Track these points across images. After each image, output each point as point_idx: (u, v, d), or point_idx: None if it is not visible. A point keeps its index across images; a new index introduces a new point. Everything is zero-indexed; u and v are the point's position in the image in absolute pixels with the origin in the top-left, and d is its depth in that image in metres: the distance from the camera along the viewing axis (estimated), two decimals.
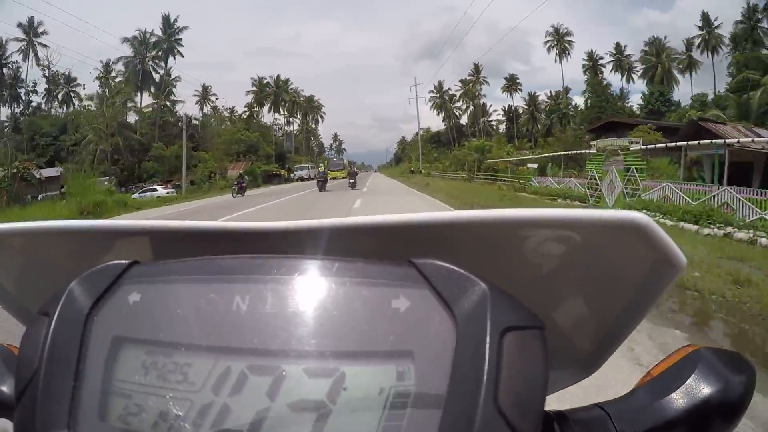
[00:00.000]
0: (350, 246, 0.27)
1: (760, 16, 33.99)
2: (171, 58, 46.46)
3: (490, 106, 63.99)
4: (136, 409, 0.22)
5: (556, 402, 0.26)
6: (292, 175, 41.44)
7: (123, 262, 0.26)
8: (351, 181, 20.58)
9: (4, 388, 0.30)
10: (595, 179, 10.64)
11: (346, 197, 15.29)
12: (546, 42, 54.31)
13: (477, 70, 62.49)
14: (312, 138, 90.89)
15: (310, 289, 0.23)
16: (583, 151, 15.37)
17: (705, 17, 41.83)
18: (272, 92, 65.42)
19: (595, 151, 10.89)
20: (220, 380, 0.21)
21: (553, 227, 0.24)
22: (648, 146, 11.88)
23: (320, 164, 23.41)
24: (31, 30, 43.46)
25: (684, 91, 52.30)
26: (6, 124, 40.38)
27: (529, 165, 20.11)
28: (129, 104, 37.61)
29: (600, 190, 10.42)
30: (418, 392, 0.20)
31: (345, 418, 0.20)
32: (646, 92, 40.41)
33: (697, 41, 42.96)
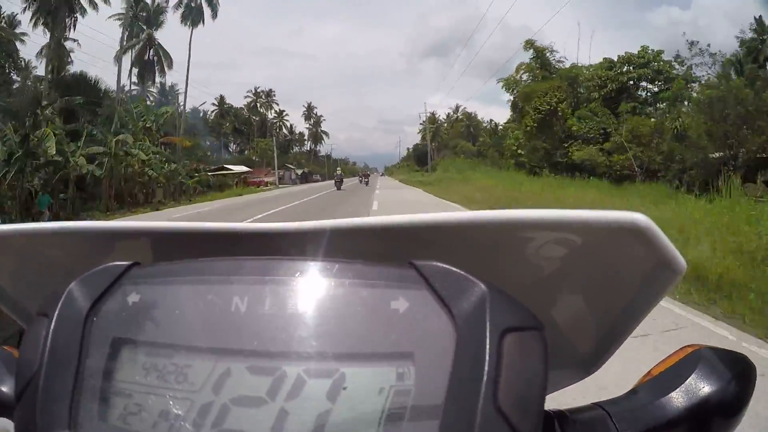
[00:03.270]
0: (351, 247, 0.27)
1: None
2: None
3: None
4: (136, 409, 0.22)
5: (556, 401, 0.26)
6: None
7: (123, 263, 0.26)
8: (365, 180, 31.63)
9: (5, 389, 0.30)
10: None
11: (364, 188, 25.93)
12: None
13: None
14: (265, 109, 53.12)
15: (309, 290, 0.23)
16: None
17: None
18: None
19: None
20: (220, 381, 0.21)
21: (552, 228, 0.24)
22: None
23: (338, 168, 30.72)
24: None
25: None
26: None
27: None
28: None
29: None
30: (418, 393, 0.20)
31: (345, 418, 0.20)
32: None
33: None
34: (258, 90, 72.67)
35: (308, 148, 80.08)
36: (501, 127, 61.24)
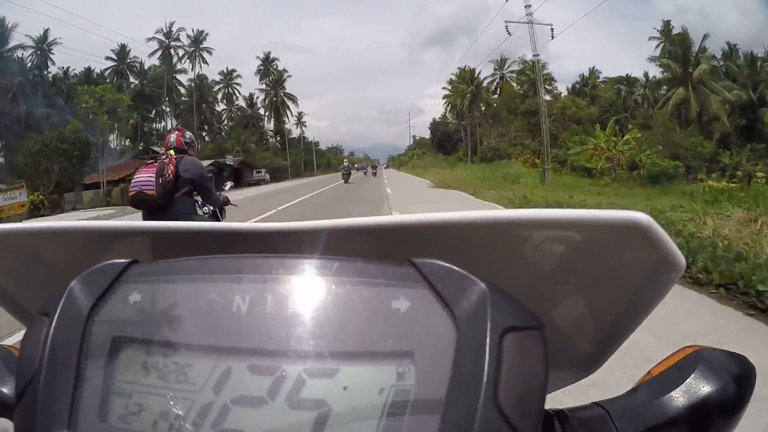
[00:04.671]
0: (351, 246, 0.27)
1: None
2: None
3: None
4: (136, 409, 0.22)
5: (554, 401, 0.26)
6: None
7: (122, 261, 0.26)
8: (373, 171, 35.98)
9: (5, 389, 0.30)
10: None
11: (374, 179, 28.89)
12: None
13: None
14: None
15: (309, 289, 0.23)
16: None
17: None
18: None
19: None
20: (221, 380, 0.21)
21: (553, 227, 0.24)
22: None
23: (345, 160, 32.79)
24: None
25: None
26: None
27: None
28: None
29: None
30: (419, 392, 0.20)
31: (346, 418, 0.20)
32: None
33: None
34: (171, 29, 44.30)
35: (272, 125, 52.10)
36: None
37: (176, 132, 2.91)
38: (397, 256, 0.24)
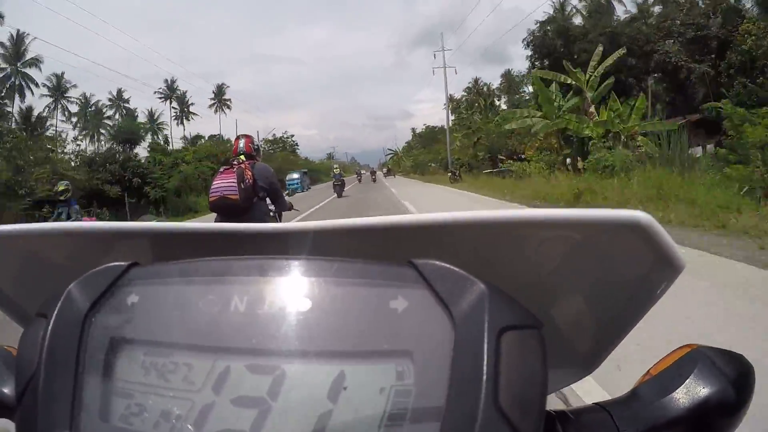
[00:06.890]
0: (351, 247, 0.27)
1: None
2: None
3: None
4: (137, 410, 0.22)
5: (556, 402, 0.26)
6: None
7: (122, 264, 0.25)
8: (373, 177, 37.66)
9: (5, 390, 0.29)
10: None
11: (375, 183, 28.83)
12: None
13: None
14: None
15: (309, 289, 0.23)
16: None
17: None
18: None
19: None
20: (220, 380, 0.21)
21: (553, 227, 0.24)
22: None
23: (335, 166, 26.22)
24: None
25: None
26: None
27: None
28: None
29: None
30: (419, 392, 0.20)
31: (346, 417, 0.20)
32: None
33: None
34: None
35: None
36: None
37: (245, 138, 3.14)
38: (397, 257, 0.24)
